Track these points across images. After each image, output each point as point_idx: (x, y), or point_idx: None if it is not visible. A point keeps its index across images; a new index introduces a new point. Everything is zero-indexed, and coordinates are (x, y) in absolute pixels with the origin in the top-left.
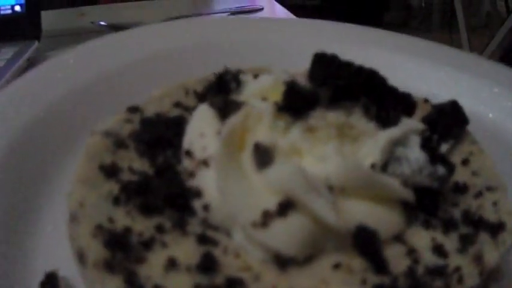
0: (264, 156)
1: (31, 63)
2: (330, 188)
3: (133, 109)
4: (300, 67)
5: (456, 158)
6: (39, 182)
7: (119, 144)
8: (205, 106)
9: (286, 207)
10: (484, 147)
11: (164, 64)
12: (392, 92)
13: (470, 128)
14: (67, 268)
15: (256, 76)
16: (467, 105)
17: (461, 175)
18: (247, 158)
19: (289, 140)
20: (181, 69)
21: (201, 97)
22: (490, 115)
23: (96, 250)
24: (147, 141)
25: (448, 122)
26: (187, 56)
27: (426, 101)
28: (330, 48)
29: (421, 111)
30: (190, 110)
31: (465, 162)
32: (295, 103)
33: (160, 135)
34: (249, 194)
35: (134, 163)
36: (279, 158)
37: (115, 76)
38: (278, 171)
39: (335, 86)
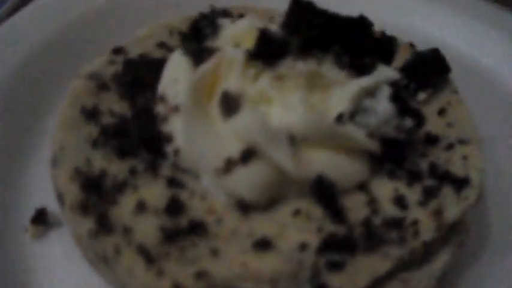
0: (231, 104)
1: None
2: (292, 138)
3: (118, 50)
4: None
5: (433, 107)
6: (30, 122)
7: (101, 86)
8: (179, 52)
9: (248, 155)
10: (472, 93)
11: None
12: (372, 38)
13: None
14: (55, 204)
15: (240, 16)
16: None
17: (435, 125)
18: (215, 106)
19: (258, 88)
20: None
21: (185, 37)
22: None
23: (72, 193)
24: (128, 83)
25: (427, 70)
26: None
27: (412, 45)
28: None
29: (404, 56)
30: (173, 50)
31: (441, 112)
32: (266, 51)
33: (141, 77)
34: (214, 141)
35: (115, 105)
36: (246, 107)
37: (104, 14)
38: (242, 120)
39: (307, 35)
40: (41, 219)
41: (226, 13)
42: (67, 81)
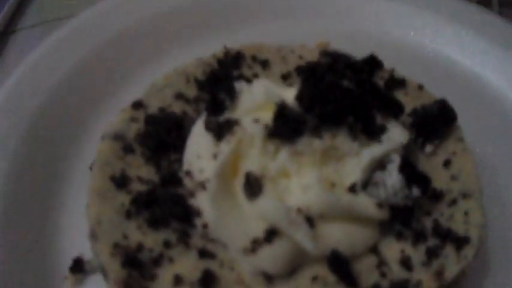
0: (254, 186)
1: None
2: (311, 220)
3: (137, 105)
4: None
5: (439, 159)
6: (60, 160)
7: (127, 149)
8: (201, 126)
9: (272, 234)
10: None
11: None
12: (381, 95)
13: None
14: (90, 252)
15: (254, 58)
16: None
17: (440, 179)
18: (239, 185)
19: (278, 163)
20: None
21: (201, 86)
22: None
23: (115, 270)
24: (152, 146)
25: (435, 123)
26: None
27: (420, 87)
28: None
29: (413, 101)
30: (191, 102)
31: (447, 163)
32: (285, 128)
33: (164, 139)
34: (240, 221)
35: (141, 171)
36: (268, 187)
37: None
38: (265, 204)
39: (322, 112)
40: (79, 268)
41: (239, 55)
42: (94, 114)
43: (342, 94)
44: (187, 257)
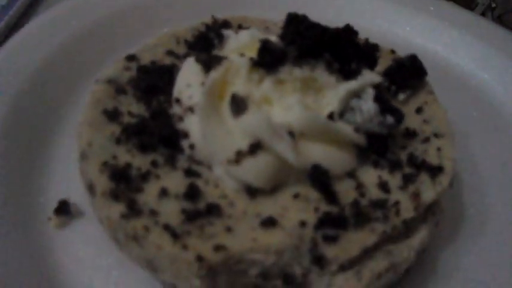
0: (239, 105)
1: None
2: (292, 133)
3: (131, 57)
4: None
5: (411, 106)
6: (50, 121)
7: (119, 90)
8: (191, 60)
9: (255, 147)
10: (449, 92)
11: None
12: (357, 46)
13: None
14: (76, 196)
15: (240, 27)
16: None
17: (413, 122)
18: (225, 106)
19: (262, 91)
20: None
21: (191, 46)
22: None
23: (103, 183)
24: (143, 88)
25: (406, 74)
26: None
27: (392, 51)
28: None
29: (386, 62)
30: (181, 57)
31: (419, 110)
32: (268, 59)
33: (155, 82)
34: (225, 136)
35: (132, 107)
36: (252, 107)
37: (112, 22)
38: (249, 118)
39: (301, 45)
40: (64, 209)
41: (226, 23)
42: (84, 83)
43: (321, 32)
44: (173, 175)
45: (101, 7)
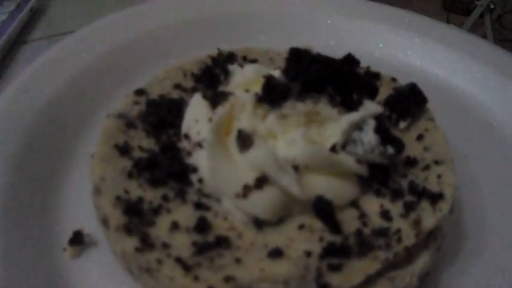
0: (245, 140)
1: (34, 14)
2: (296, 167)
3: (140, 91)
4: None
5: (412, 134)
6: (63, 154)
7: (130, 125)
8: (199, 96)
9: (261, 181)
10: (449, 115)
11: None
12: (358, 78)
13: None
14: (89, 226)
15: (244, 58)
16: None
17: (414, 149)
18: (232, 141)
19: (266, 125)
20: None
21: (197, 79)
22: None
23: (116, 217)
24: (153, 122)
25: (406, 102)
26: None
27: (393, 80)
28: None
29: (387, 89)
30: (188, 91)
31: (419, 137)
32: (272, 95)
33: (163, 116)
34: (233, 171)
35: (143, 142)
36: (258, 142)
37: (120, 54)
38: (255, 153)
39: (304, 80)
40: (78, 240)
41: (231, 56)
42: (93, 117)
43: (323, 66)
44: (183, 208)
45: (107, 40)
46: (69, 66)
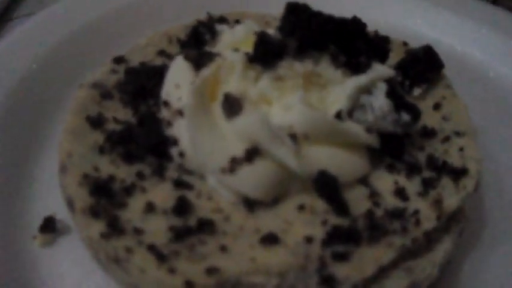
0: (233, 106)
1: None
2: (294, 136)
3: (119, 59)
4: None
5: (428, 102)
6: (34, 132)
7: (105, 95)
8: (180, 58)
9: (252, 153)
10: (467, 88)
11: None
12: (366, 38)
13: (457, 68)
14: (63, 212)
15: (237, 22)
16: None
17: (431, 119)
18: (218, 108)
19: (259, 89)
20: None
21: (184, 45)
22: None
23: (82, 198)
24: (131, 91)
25: (421, 66)
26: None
27: (405, 44)
28: None
29: (398, 54)
30: (173, 58)
31: (437, 106)
32: (265, 53)
33: (143, 85)
34: (218, 142)
35: (118, 113)
36: (248, 108)
37: (101, 25)
38: (245, 120)
39: (302, 36)
40: (50, 227)
41: (222, 19)
42: (70, 90)
43: (325, 23)
44: (161, 187)
45: (92, 8)
46: (47, 36)
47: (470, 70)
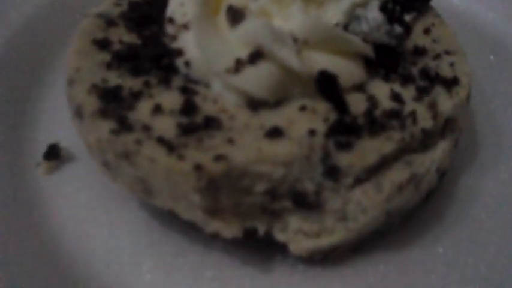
0: (236, 15)
1: None
2: (295, 40)
3: None
4: None
5: (418, 28)
6: (38, 63)
7: (110, 23)
8: None
9: (256, 56)
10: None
11: None
12: None
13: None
14: (66, 140)
15: None
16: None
17: (421, 40)
18: (221, 19)
19: (259, 3)
20: None
21: None
22: None
23: (91, 103)
24: (135, 19)
25: None
26: None
27: None
28: None
29: None
30: None
31: (426, 31)
32: None
33: (147, 13)
34: (223, 47)
35: (124, 37)
36: (250, 16)
37: None
38: (248, 25)
39: None
40: (54, 154)
41: None
42: (74, 23)
43: None
44: (168, 93)
45: None
46: None
47: (467, 23)
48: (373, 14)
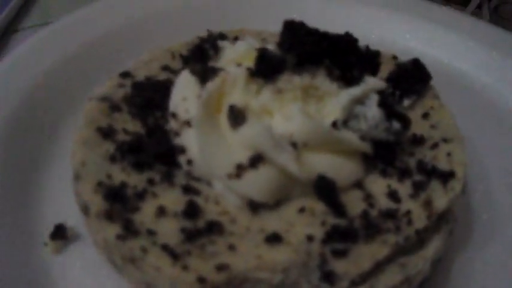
0: (237, 116)
1: (26, 2)
2: (294, 144)
3: (125, 74)
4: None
5: (417, 112)
6: (43, 141)
7: (114, 107)
8: (186, 72)
9: (256, 160)
10: (454, 98)
11: (152, 27)
12: (358, 53)
13: (444, 79)
14: (72, 219)
15: (235, 38)
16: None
17: (420, 128)
18: (223, 119)
19: (260, 101)
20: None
21: (187, 60)
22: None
23: (97, 203)
24: (139, 104)
25: (410, 78)
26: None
27: (395, 57)
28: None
29: (388, 68)
30: (177, 72)
31: (425, 115)
32: (266, 68)
33: (150, 98)
34: (224, 150)
35: (128, 124)
36: (251, 118)
37: (106, 41)
38: (249, 130)
39: (300, 52)
40: (60, 234)
41: (222, 36)
42: (77, 103)
43: (320, 39)
44: (171, 193)
45: (95, 26)
46: (52, 53)
47: (456, 81)
48: (372, 112)
